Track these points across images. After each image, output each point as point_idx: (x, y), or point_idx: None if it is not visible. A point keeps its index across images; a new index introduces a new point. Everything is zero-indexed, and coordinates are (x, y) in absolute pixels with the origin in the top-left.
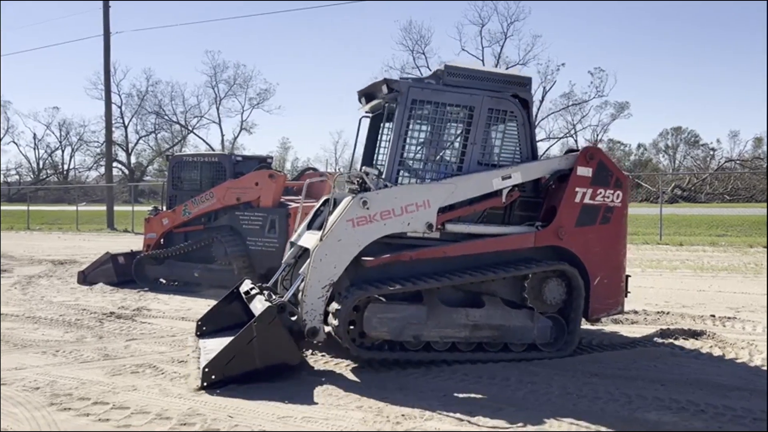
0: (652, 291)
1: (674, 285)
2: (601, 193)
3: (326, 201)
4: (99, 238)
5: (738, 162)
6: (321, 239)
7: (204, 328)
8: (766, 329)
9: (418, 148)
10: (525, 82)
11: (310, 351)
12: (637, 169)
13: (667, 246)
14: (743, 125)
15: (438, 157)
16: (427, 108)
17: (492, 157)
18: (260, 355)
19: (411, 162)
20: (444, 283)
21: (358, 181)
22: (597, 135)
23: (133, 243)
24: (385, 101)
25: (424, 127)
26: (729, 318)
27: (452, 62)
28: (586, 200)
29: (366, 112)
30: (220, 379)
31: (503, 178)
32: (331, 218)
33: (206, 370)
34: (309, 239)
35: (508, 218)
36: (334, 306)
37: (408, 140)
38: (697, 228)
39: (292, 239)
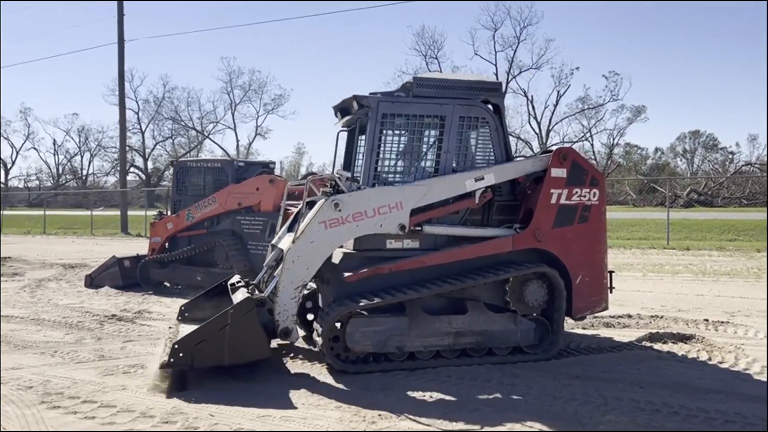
0: (651, 295)
1: (673, 289)
2: (577, 192)
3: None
4: (112, 242)
5: (756, 166)
6: (294, 241)
7: (186, 314)
8: (766, 332)
9: (392, 161)
10: (495, 87)
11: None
12: (654, 173)
13: (673, 250)
14: (763, 129)
15: (413, 168)
16: (399, 121)
17: (466, 164)
18: (230, 343)
19: (386, 175)
20: (423, 294)
21: (331, 184)
22: (613, 139)
23: (144, 247)
24: (357, 116)
25: (396, 140)
26: (722, 322)
27: (423, 73)
28: (563, 201)
29: (342, 127)
30: (187, 362)
31: (476, 180)
32: (304, 221)
33: (176, 347)
34: (286, 241)
35: (486, 222)
36: (317, 325)
37: (381, 154)
38: (709, 232)
39: (273, 242)
